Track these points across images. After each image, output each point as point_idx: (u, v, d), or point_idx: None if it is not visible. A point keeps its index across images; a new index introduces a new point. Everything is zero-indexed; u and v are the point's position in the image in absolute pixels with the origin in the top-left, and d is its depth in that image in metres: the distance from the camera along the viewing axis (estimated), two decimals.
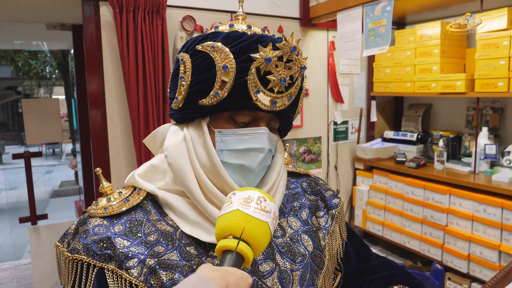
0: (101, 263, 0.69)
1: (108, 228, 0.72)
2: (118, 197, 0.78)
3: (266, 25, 2.87)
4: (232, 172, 0.76)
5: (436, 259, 2.70)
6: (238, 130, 0.76)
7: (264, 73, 0.72)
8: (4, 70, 9.41)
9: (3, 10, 2.73)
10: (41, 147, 12.09)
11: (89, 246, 0.70)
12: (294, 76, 0.75)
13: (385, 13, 2.44)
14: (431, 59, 2.85)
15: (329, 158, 3.33)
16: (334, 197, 0.95)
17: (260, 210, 0.62)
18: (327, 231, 0.89)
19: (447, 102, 3.26)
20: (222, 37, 0.75)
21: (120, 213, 0.75)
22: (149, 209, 0.77)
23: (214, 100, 0.74)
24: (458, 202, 2.57)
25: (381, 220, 3.12)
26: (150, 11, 2.36)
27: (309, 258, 0.82)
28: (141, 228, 0.73)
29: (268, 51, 0.71)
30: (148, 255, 0.70)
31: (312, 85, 3.15)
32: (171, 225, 0.76)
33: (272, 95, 0.74)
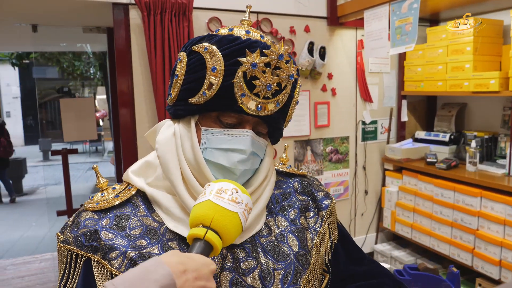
0: (88, 253, 0.73)
1: (97, 221, 0.76)
2: (112, 192, 0.82)
3: (293, 25, 2.88)
4: (215, 171, 0.78)
5: (466, 264, 2.61)
6: (223, 130, 0.78)
7: (251, 77, 0.74)
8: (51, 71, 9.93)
9: (44, 15, 2.91)
10: (85, 144, 12.66)
11: (78, 237, 0.75)
12: (282, 83, 0.76)
13: (411, 10, 2.39)
14: (464, 57, 2.75)
15: (357, 158, 3.29)
16: (326, 198, 0.94)
17: (231, 201, 0.65)
18: (316, 231, 0.89)
19: (482, 101, 3.13)
20: (216, 39, 0.77)
21: (110, 208, 0.78)
22: (138, 205, 0.80)
23: (201, 100, 0.76)
24: (489, 206, 2.47)
25: (410, 222, 3.04)
26: (177, 14, 2.44)
27: (293, 258, 0.82)
28: (127, 222, 0.77)
29: (255, 57, 0.73)
30: (130, 248, 0.73)
31: (339, 84, 3.12)
32: (157, 220, 0.79)
33: (258, 99, 0.75)
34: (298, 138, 3.00)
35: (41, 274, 3.96)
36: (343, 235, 0.96)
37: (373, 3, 2.66)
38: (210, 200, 0.65)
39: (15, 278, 3.89)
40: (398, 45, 2.50)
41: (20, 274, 3.97)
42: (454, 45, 2.84)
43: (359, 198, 3.33)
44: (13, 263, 4.28)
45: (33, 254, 4.61)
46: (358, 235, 3.35)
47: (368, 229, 3.40)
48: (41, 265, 4.20)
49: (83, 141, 11.69)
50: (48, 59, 7.55)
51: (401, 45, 2.48)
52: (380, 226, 3.40)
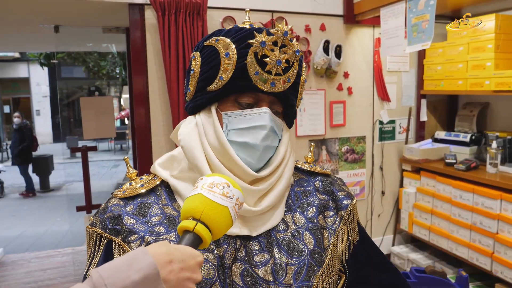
0: (110, 235, 0.80)
1: (122, 207, 0.83)
2: (139, 182, 0.88)
3: (308, 23, 2.86)
4: (239, 150, 0.81)
5: (485, 269, 2.53)
6: (242, 111, 0.82)
7: (261, 56, 0.79)
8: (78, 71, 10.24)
9: (66, 16, 2.99)
10: (110, 142, 12.97)
11: (104, 221, 0.82)
12: (290, 60, 0.81)
13: (428, 7, 2.33)
14: (485, 55, 2.66)
15: (373, 159, 3.23)
16: (346, 198, 0.94)
17: (222, 195, 0.67)
18: (334, 231, 0.89)
19: (506, 101, 3.02)
20: (225, 32, 0.84)
21: (135, 196, 0.85)
22: (160, 194, 0.86)
23: (219, 84, 0.81)
24: (510, 209, 2.38)
25: (428, 225, 2.97)
26: (191, 13, 2.46)
27: (307, 255, 0.83)
28: (148, 210, 0.83)
29: (263, 36, 0.79)
30: (148, 233, 0.79)
31: (356, 83, 3.08)
32: (177, 210, 0.84)
33: (271, 76, 0.80)
34: (313, 137, 2.97)
35: (63, 268, 4.08)
36: (363, 236, 0.96)
37: (389, 1, 2.61)
38: (201, 194, 0.66)
39: (38, 271, 4.02)
40: (415, 42, 2.44)
41: (43, 267, 4.10)
42: (475, 43, 2.76)
43: (376, 199, 3.28)
44: (37, 256, 4.44)
45: (56, 248, 4.76)
46: (375, 237, 3.30)
47: (385, 230, 3.34)
48: (63, 259, 4.33)
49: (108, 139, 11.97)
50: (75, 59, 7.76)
51: (417, 42, 2.42)
52: (398, 228, 3.33)
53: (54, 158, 8.60)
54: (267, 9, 2.74)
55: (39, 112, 14.08)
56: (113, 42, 4.40)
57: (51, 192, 8.20)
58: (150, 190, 0.86)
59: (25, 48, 6.04)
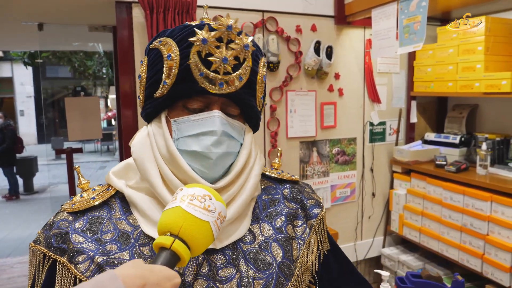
0: (55, 255, 0.73)
1: (70, 223, 0.75)
2: (91, 193, 0.80)
3: (299, 24, 2.83)
4: (191, 160, 0.75)
5: (475, 270, 2.53)
6: (191, 116, 0.76)
7: (206, 55, 0.72)
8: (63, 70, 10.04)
9: (50, 13, 2.91)
10: (97, 143, 12.79)
11: (49, 238, 0.74)
12: (240, 56, 0.74)
13: (420, 8, 2.32)
14: (475, 57, 2.67)
15: (364, 160, 3.22)
16: (315, 207, 0.89)
17: (203, 209, 0.61)
18: (303, 241, 0.84)
19: (495, 102, 3.04)
20: (169, 31, 0.78)
21: (86, 210, 0.77)
22: (114, 207, 0.79)
23: (164, 90, 0.75)
24: (500, 210, 2.39)
25: (418, 226, 2.97)
26: (180, 12, 2.41)
27: (275, 268, 0.77)
28: (100, 226, 0.75)
29: (204, 33, 0.72)
30: (98, 253, 0.72)
31: (346, 84, 3.06)
32: (132, 224, 0.77)
33: (218, 76, 0.73)
34: (304, 139, 2.94)
35: None
36: (333, 246, 0.92)
37: (381, 2, 2.60)
38: (180, 207, 0.61)
39: (21, 276, 3.92)
40: (406, 44, 2.43)
41: (26, 273, 3.99)
42: (465, 45, 2.76)
43: (366, 201, 3.27)
44: (20, 261, 4.32)
45: None
46: (365, 239, 3.29)
47: (376, 232, 3.33)
48: None
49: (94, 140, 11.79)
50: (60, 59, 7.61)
51: (409, 44, 2.41)
52: (388, 229, 3.32)
53: (39, 160, 8.42)
54: (257, 9, 2.71)
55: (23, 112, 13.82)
56: (100, 41, 4.31)
57: (35, 195, 8.03)
58: (103, 202, 0.79)
59: (7, 46, 5.91)
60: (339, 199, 3.13)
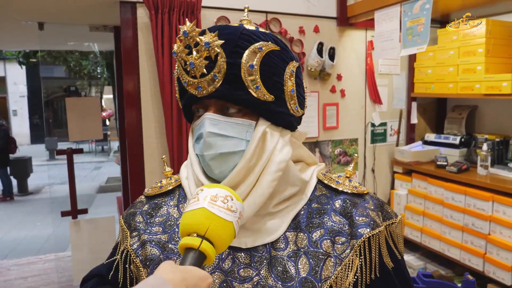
0: (126, 229, 0.89)
1: (142, 205, 0.92)
2: (164, 182, 0.94)
3: (302, 25, 2.84)
4: (202, 163, 0.81)
5: (477, 269, 2.55)
6: (196, 121, 0.82)
7: (185, 64, 0.77)
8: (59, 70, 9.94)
9: (51, 13, 2.89)
10: (91, 144, 12.70)
11: (127, 216, 0.92)
12: (211, 54, 0.73)
13: (423, 11, 2.34)
14: (475, 59, 2.70)
15: (365, 161, 3.24)
16: (365, 226, 0.77)
17: (226, 209, 0.62)
18: (341, 261, 0.75)
19: (494, 104, 3.08)
20: None
21: (155, 195, 0.92)
22: (176, 195, 0.90)
23: (178, 100, 0.86)
24: (501, 210, 2.41)
25: (419, 226, 2.99)
26: (185, 12, 2.41)
27: (296, 282, 0.72)
28: (158, 210, 0.89)
29: (175, 46, 0.77)
30: (146, 232, 0.85)
31: (348, 85, 3.08)
32: (181, 212, 0.86)
33: (197, 80, 0.76)
34: (307, 139, 2.95)
35: (45, 275, 3.93)
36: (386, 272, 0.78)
37: (384, 4, 2.62)
38: (205, 208, 0.61)
39: (18, 279, 3.87)
40: (410, 46, 2.45)
41: (23, 275, 3.95)
42: (466, 47, 2.79)
43: None
44: (16, 263, 4.27)
45: (37, 254, 4.60)
46: None
47: None
48: (44, 265, 4.18)
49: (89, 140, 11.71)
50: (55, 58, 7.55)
51: (412, 46, 2.43)
52: None
53: (33, 160, 8.35)
54: (261, 10, 2.71)
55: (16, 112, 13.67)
56: (100, 41, 4.29)
57: (30, 196, 7.96)
58: (170, 190, 0.91)
59: (7, 46, 5.84)
60: None
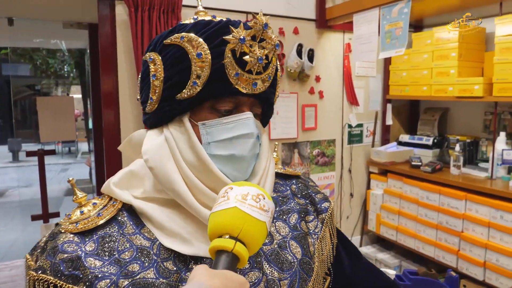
0: (67, 284, 0.64)
1: (79, 245, 0.67)
2: (92, 209, 0.72)
3: (282, 26, 2.85)
4: (222, 164, 0.71)
5: (451, 266, 2.64)
6: (222, 119, 0.71)
7: (240, 54, 0.69)
8: (23, 68, 9.55)
9: (21, 7, 2.77)
10: (58, 145, 12.26)
11: (56, 265, 0.65)
12: (269, 55, 0.72)
13: (402, 15, 2.40)
14: (449, 63, 2.79)
15: (343, 161, 3.29)
16: (324, 201, 0.90)
17: (259, 208, 0.58)
18: (317, 236, 0.85)
19: (464, 106, 3.20)
20: (190, 26, 0.72)
21: (93, 229, 0.69)
22: (124, 221, 0.72)
23: (193, 91, 0.69)
24: (474, 208, 2.51)
25: (395, 225, 3.06)
26: (166, 11, 2.37)
27: (297, 266, 0.78)
28: (114, 245, 0.68)
29: (240, 31, 0.69)
30: (121, 275, 0.66)
31: (326, 87, 3.12)
32: (148, 238, 0.71)
33: (252, 76, 0.70)
34: (286, 140, 2.97)
35: (12, 283, 3.74)
36: (341, 236, 0.94)
37: (362, 7, 2.67)
38: (238, 208, 0.57)
39: None
40: (388, 49, 2.51)
41: None
42: (439, 51, 2.89)
43: (345, 201, 3.34)
44: None
45: (2, 260, 4.39)
46: None
47: (353, 232, 3.41)
48: (11, 272, 3.98)
49: (55, 141, 11.32)
50: (21, 56, 7.24)
51: (390, 49, 2.49)
52: (365, 229, 3.41)
53: None
54: (241, 10, 2.71)
55: None
56: (71, 39, 4.15)
57: None
58: (110, 218, 0.71)
59: None
60: None
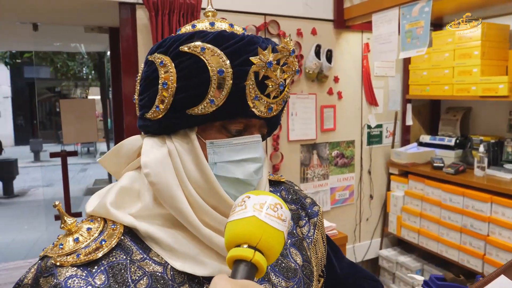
0: None
1: (87, 280, 0.59)
2: (88, 235, 0.64)
3: (300, 27, 2.84)
4: (227, 186, 0.68)
5: (476, 270, 2.58)
6: (232, 139, 0.68)
7: (263, 77, 0.66)
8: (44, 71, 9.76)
9: (45, 13, 2.83)
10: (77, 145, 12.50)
11: None
12: (287, 80, 0.70)
13: (423, 14, 2.36)
14: (471, 61, 2.73)
15: (362, 163, 3.26)
16: (314, 205, 0.91)
17: (277, 218, 0.57)
18: (311, 240, 0.86)
19: (488, 106, 3.13)
20: (211, 36, 0.67)
21: (98, 259, 0.62)
22: (128, 247, 0.65)
23: (209, 109, 0.65)
24: (500, 211, 2.45)
25: (416, 228, 3.01)
26: (185, 14, 2.38)
27: (300, 272, 0.78)
28: (126, 274, 0.62)
29: (268, 55, 0.65)
30: None
31: (345, 87, 3.09)
32: (158, 262, 0.65)
33: (269, 100, 0.68)
34: (305, 141, 2.95)
35: None
36: (327, 238, 0.95)
37: (381, 7, 2.64)
38: (256, 217, 0.56)
39: (7, 283, 3.77)
40: (409, 48, 2.47)
41: (12, 280, 3.84)
42: (461, 49, 2.83)
43: (364, 203, 3.30)
44: (5, 267, 4.16)
45: (25, 258, 4.50)
46: (363, 240, 3.32)
47: (373, 234, 3.37)
48: None
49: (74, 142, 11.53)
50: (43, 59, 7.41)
51: (411, 48, 2.45)
52: (385, 231, 3.37)
53: None
54: (260, 12, 2.70)
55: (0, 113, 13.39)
56: (91, 42, 4.22)
57: (16, 198, 7.78)
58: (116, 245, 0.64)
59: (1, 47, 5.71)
60: (338, 201, 3.15)
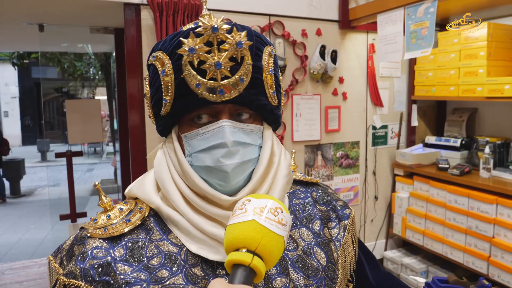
0: None
1: (108, 251, 0.68)
2: (119, 214, 0.73)
3: (304, 27, 2.84)
4: (207, 175, 0.71)
5: (481, 272, 2.57)
6: (200, 129, 0.71)
7: (199, 63, 0.67)
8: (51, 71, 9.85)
9: (51, 15, 2.85)
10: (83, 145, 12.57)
11: (87, 271, 0.65)
12: (237, 55, 0.68)
13: (428, 14, 2.35)
14: (477, 62, 2.72)
15: (367, 163, 3.24)
16: (345, 208, 0.90)
17: (277, 222, 0.57)
18: (340, 243, 0.85)
19: (494, 106, 3.10)
20: (161, 44, 0.73)
21: (121, 235, 0.70)
22: (151, 227, 0.73)
23: (167, 108, 0.71)
24: (506, 213, 2.43)
25: (421, 229, 3.00)
26: (189, 15, 2.39)
27: (322, 272, 0.78)
28: (143, 251, 0.69)
29: (190, 41, 0.67)
30: (151, 281, 0.66)
31: (350, 88, 3.08)
32: (175, 244, 0.72)
33: (217, 83, 0.68)
34: (309, 142, 2.95)
35: (40, 279, 3.87)
36: (361, 244, 0.94)
37: (386, 7, 2.63)
38: (256, 221, 0.56)
39: (13, 283, 3.80)
40: (414, 49, 2.46)
41: (18, 279, 3.88)
42: (467, 50, 2.81)
43: (369, 204, 3.29)
44: (11, 267, 4.19)
45: (31, 258, 4.53)
46: (368, 242, 3.31)
47: (378, 235, 3.36)
48: (40, 269, 4.11)
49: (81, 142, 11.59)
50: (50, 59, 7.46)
51: (417, 49, 2.44)
52: (390, 232, 3.35)
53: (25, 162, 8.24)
54: (264, 13, 2.70)
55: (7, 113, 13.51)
56: (97, 43, 4.25)
57: (23, 198, 7.84)
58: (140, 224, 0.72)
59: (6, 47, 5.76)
60: None
